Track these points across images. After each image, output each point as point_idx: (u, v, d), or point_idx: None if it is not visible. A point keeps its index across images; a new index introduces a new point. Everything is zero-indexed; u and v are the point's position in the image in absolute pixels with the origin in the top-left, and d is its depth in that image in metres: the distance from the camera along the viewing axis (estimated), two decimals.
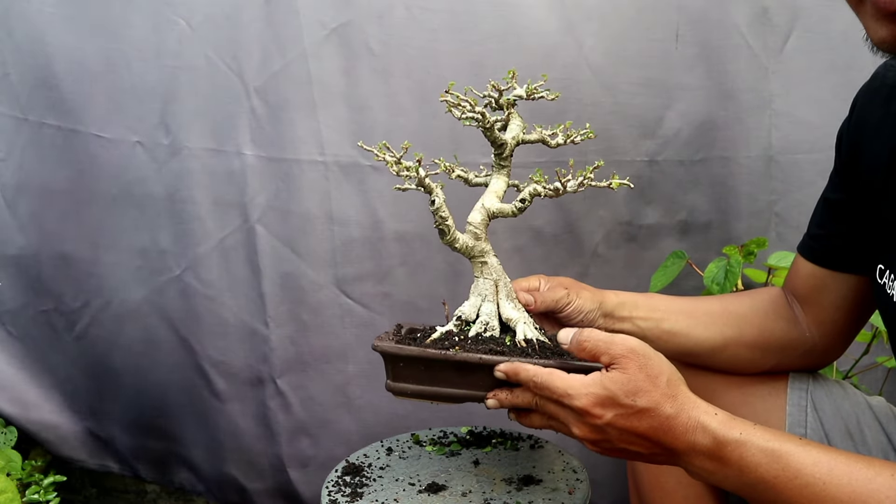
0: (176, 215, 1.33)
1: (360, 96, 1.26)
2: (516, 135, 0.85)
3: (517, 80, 0.85)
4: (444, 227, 0.81)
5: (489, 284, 0.84)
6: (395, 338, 0.82)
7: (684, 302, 0.93)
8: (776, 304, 0.91)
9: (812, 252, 0.88)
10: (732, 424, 0.66)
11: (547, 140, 0.87)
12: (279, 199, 1.30)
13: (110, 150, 1.33)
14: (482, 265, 0.84)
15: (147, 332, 1.39)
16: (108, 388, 1.46)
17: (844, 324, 0.88)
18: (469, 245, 0.83)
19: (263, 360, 1.36)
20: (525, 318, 0.83)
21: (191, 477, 1.49)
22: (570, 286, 0.88)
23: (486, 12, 1.24)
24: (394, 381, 0.79)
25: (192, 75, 1.28)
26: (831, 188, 0.88)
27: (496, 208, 0.84)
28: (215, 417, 1.40)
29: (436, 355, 0.76)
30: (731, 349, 0.89)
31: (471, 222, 0.83)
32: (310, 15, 1.24)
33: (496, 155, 0.86)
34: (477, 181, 0.89)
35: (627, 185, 0.84)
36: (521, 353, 0.77)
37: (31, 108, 1.34)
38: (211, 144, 1.30)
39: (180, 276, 1.35)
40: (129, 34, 1.29)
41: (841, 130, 0.86)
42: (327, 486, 0.88)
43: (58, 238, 1.39)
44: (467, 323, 0.84)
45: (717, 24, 1.27)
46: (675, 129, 1.29)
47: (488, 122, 0.82)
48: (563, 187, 0.82)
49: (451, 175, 0.87)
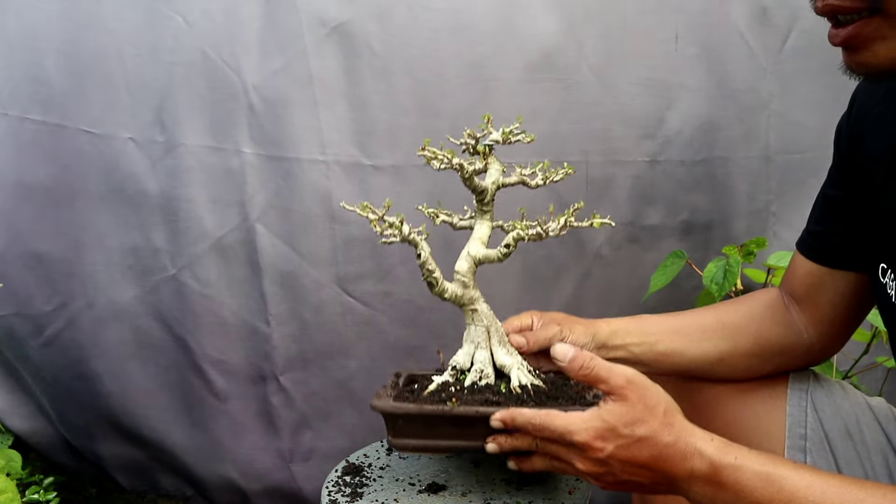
0: (171, 213, 1.31)
1: (362, 95, 1.26)
2: (496, 179, 0.86)
3: (493, 123, 0.86)
4: (432, 279, 0.81)
5: (481, 331, 0.85)
6: (392, 392, 0.83)
7: (677, 319, 0.94)
8: (772, 309, 0.91)
9: (811, 249, 0.88)
10: (728, 450, 0.68)
11: (527, 182, 0.88)
12: (280, 198, 1.29)
13: (100, 147, 1.30)
14: (473, 312, 0.85)
15: (136, 334, 1.37)
16: (78, 398, 1.42)
17: (842, 321, 0.88)
18: (458, 294, 0.84)
19: (265, 357, 1.35)
20: (518, 363, 0.84)
21: (177, 482, 1.48)
22: (562, 322, 0.89)
23: (487, 12, 1.24)
24: (395, 438, 0.80)
25: (189, 72, 1.27)
26: (830, 184, 0.87)
27: (482, 255, 0.85)
28: (213, 416, 1.39)
29: (433, 411, 0.77)
30: (727, 362, 0.90)
31: (458, 271, 0.84)
32: (310, 12, 1.23)
33: (478, 201, 0.86)
34: (462, 224, 0.90)
35: (609, 223, 0.85)
36: (517, 399, 0.79)
37: (12, 103, 1.31)
38: (208, 142, 1.28)
39: (176, 276, 1.33)
40: (123, 29, 1.27)
41: (840, 125, 0.86)
42: (327, 486, 0.88)
43: (31, 237, 1.35)
44: (462, 371, 0.85)
45: (717, 25, 1.27)
46: (675, 129, 1.29)
47: (467, 172, 0.83)
48: (546, 233, 0.83)
49: (436, 221, 0.88)
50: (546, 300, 1.35)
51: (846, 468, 0.83)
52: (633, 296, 1.35)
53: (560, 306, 1.35)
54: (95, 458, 1.47)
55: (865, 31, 0.56)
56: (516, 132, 0.86)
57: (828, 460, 0.84)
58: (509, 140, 0.85)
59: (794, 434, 0.85)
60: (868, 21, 0.56)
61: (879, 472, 0.82)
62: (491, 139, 0.85)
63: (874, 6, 0.55)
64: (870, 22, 0.56)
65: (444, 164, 0.82)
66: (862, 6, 0.56)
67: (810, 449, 0.84)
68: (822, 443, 0.84)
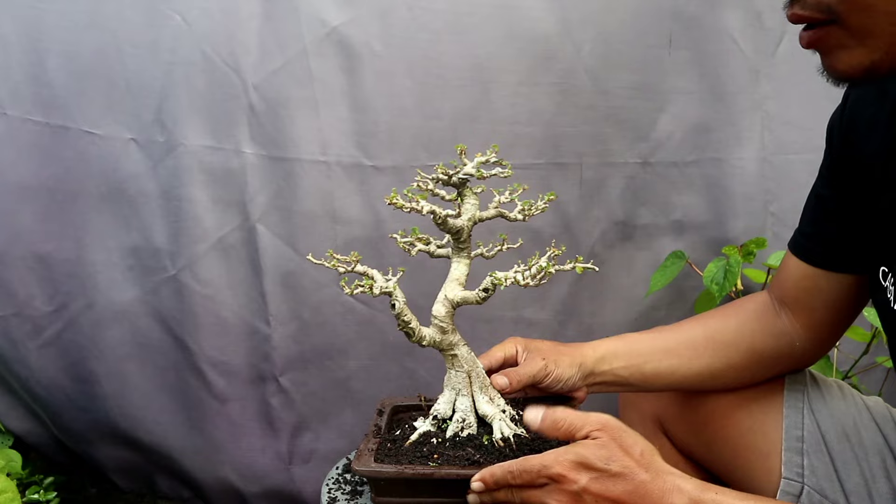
0: (171, 213, 1.32)
1: (362, 96, 1.27)
2: (472, 215, 0.83)
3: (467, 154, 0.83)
4: (409, 330, 0.80)
5: (462, 377, 0.83)
6: (373, 446, 0.81)
7: (666, 337, 0.92)
8: (762, 320, 0.90)
9: (804, 251, 0.86)
10: (708, 487, 0.67)
11: (505, 214, 0.86)
12: (281, 199, 1.30)
13: (101, 147, 1.31)
14: (452, 357, 0.83)
15: (136, 334, 1.37)
16: (74, 401, 1.41)
17: (835, 323, 0.88)
18: (437, 340, 0.81)
19: (265, 358, 1.36)
20: (500, 412, 0.82)
21: (174, 484, 1.48)
22: (547, 354, 0.86)
23: (487, 15, 1.25)
24: (378, 496, 0.79)
25: (189, 71, 1.27)
26: (822, 184, 0.86)
27: (460, 297, 0.82)
28: (213, 418, 1.39)
29: (414, 475, 0.76)
30: (719, 378, 0.89)
31: (436, 315, 0.82)
32: (310, 13, 1.24)
33: (454, 239, 0.84)
34: (440, 253, 0.87)
35: (593, 269, 0.82)
36: (499, 454, 0.78)
37: (12, 104, 1.31)
38: (209, 142, 1.29)
39: (176, 276, 1.33)
40: (122, 29, 1.27)
41: (832, 122, 0.85)
42: (327, 483, 0.88)
43: (33, 237, 1.35)
44: (444, 420, 0.83)
45: (711, 29, 1.29)
46: (668, 131, 1.31)
47: (440, 217, 0.80)
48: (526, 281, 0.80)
49: (412, 252, 0.85)
50: (541, 298, 1.36)
51: (843, 469, 0.83)
52: (626, 294, 1.37)
53: (555, 304, 1.37)
54: (92, 460, 1.47)
55: (827, 39, 0.58)
56: (492, 161, 0.82)
57: (825, 462, 0.84)
58: (483, 175, 0.81)
59: (791, 436, 0.85)
60: (829, 29, 0.57)
61: (877, 473, 0.82)
62: (465, 172, 0.82)
63: (831, 18, 0.57)
64: (830, 31, 0.57)
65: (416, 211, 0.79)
66: (821, 17, 0.57)
67: (807, 451, 0.84)
68: (819, 444, 0.84)
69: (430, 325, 0.82)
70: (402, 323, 0.79)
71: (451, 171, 0.81)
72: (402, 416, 0.91)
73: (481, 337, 1.29)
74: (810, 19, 0.58)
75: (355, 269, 0.81)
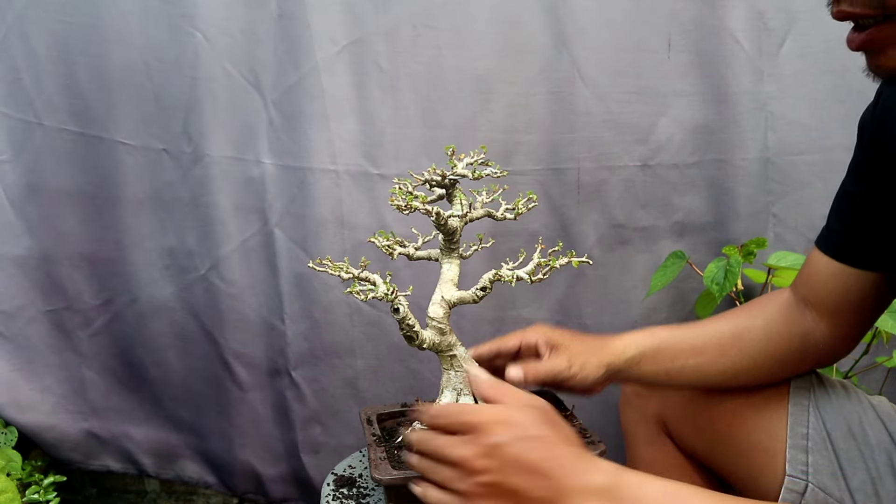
0: (200, 218, 1.38)
1: (370, 109, 1.31)
2: (465, 215, 0.83)
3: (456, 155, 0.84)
4: (412, 333, 0.77)
5: (462, 377, 0.82)
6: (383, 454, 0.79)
7: (695, 334, 0.88)
8: (788, 320, 0.87)
9: (834, 248, 0.82)
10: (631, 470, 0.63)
11: (493, 214, 0.85)
12: (295, 205, 1.35)
13: (136, 157, 1.36)
14: (451, 358, 0.81)
15: (174, 326, 1.44)
16: (125, 382, 1.48)
17: (859, 323, 0.85)
18: (436, 341, 0.80)
19: (280, 353, 1.41)
20: None
21: (200, 469, 1.51)
22: (574, 356, 0.81)
23: (486, 30, 1.28)
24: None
25: (211, 86, 1.31)
26: (852, 181, 0.81)
27: (456, 297, 0.81)
28: (237, 405, 1.45)
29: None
30: (742, 377, 0.87)
31: (433, 317, 0.80)
32: (322, 32, 1.29)
33: (447, 240, 0.83)
34: (419, 255, 0.85)
35: (587, 262, 0.82)
36: None
37: (47, 114, 1.35)
38: (231, 153, 1.35)
39: (205, 275, 1.41)
40: (147, 44, 1.31)
41: (863, 119, 0.80)
42: (326, 499, 0.85)
43: (77, 239, 1.41)
44: None
45: (712, 31, 1.28)
46: (668, 134, 1.31)
47: (443, 218, 0.80)
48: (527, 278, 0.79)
49: (394, 255, 0.84)
50: (539, 299, 1.38)
51: (848, 467, 0.81)
52: (625, 296, 1.37)
53: (553, 305, 1.38)
54: (125, 445, 1.51)
55: (880, 37, 0.55)
56: (480, 162, 0.82)
57: (830, 459, 0.82)
58: (480, 176, 0.81)
59: (796, 433, 0.84)
60: (882, 27, 0.54)
61: (883, 471, 0.81)
62: (457, 173, 0.82)
63: (887, 13, 0.54)
64: (884, 28, 0.54)
65: (422, 211, 0.78)
66: (875, 13, 0.54)
67: (812, 448, 0.83)
68: (825, 442, 0.83)
69: (426, 328, 0.81)
70: (405, 327, 0.77)
71: (448, 171, 0.81)
72: (387, 424, 0.90)
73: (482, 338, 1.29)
74: (861, 15, 0.55)
75: (361, 274, 0.79)
